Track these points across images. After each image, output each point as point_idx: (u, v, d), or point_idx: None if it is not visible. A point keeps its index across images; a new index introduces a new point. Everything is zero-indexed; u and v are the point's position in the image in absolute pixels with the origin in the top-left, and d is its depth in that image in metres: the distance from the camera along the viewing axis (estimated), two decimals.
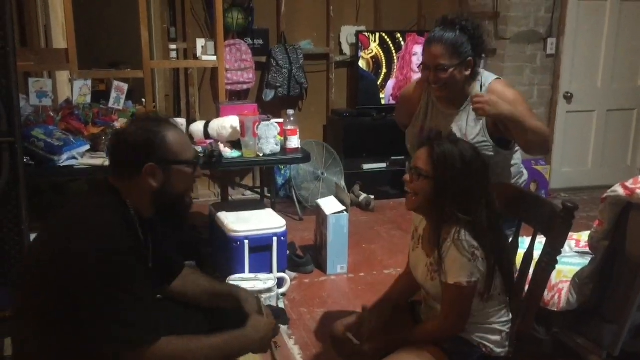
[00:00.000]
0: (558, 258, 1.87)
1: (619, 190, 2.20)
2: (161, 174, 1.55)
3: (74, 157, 3.02)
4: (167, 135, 1.56)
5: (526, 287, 1.91)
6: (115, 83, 3.43)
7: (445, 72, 2.10)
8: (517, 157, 2.40)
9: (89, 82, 3.44)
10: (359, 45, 5.30)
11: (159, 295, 1.84)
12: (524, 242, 2.10)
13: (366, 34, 5.34)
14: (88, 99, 3.40)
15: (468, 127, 2.20)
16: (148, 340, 1.45)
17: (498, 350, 1.82)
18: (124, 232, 1.48)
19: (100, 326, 1.42)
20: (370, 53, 5.35)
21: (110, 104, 3.40)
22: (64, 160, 2.97)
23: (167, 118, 1.69)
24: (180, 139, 1.60)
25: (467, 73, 2.15)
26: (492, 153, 2.18)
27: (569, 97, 5.37)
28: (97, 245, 1.41)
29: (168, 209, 1.62)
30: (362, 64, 5.34)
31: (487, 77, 2.25)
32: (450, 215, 1.74)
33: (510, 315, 1.87)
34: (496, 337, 1.82)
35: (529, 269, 1.93)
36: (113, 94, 3.41)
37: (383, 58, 5.39)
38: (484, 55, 2.21)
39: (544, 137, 2.17)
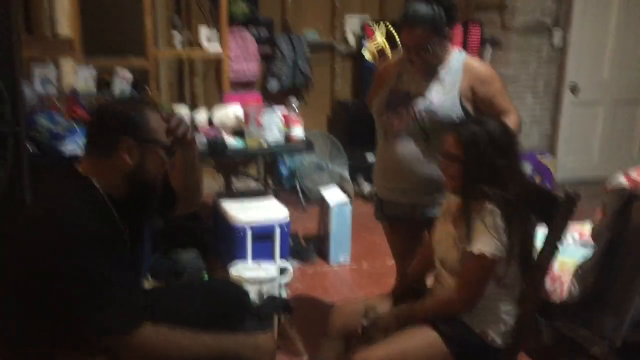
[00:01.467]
0: (561, 249, 1.87)
1: (622, 180, 2.19)
2: (137, 152, 1.53)
3: (78, 146, 3.03)
4: (147, 114, 1.56)
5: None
6: (120, 72, 3.43)
7: (427, 51, 2.12)
8: None
9: (94, 71, 3.44)
10: (363, 35, 5.28)
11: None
12: None
13: (371, 24, 5.31)
14: (92, 87, 3.40)
15: (442, 93, 2.22)
16: (129, 327, 1.44)
17: (499, 341, 1.82)
18: (94, 218, 1.46)
19: (79, 314, 1.42)
20: (375, 43, 5.32)
21: (114, 92, 3.41)
22: (68, 148, 2.98)
23: (149, 101, 1.69)
24: (158, 121, 1.59)
25: (447, 44, 2.19)
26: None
27: (574, 89, 5.35)
28: (69, 239, 1.41)
29: (138, 196, 1.60)
30: (366, 54, 5.32)
31: (461, 52, 2.28)
32: (483, 193, 1.76)
33: (518, 309, 1.86)
34: (500, 327, 1.82)
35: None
36: (117, 83, 3.42)
37: (388, 48, 5.36)
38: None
39: (519, 128, 2.24)
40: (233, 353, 1.59)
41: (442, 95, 2.23)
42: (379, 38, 4.76)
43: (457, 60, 2.25)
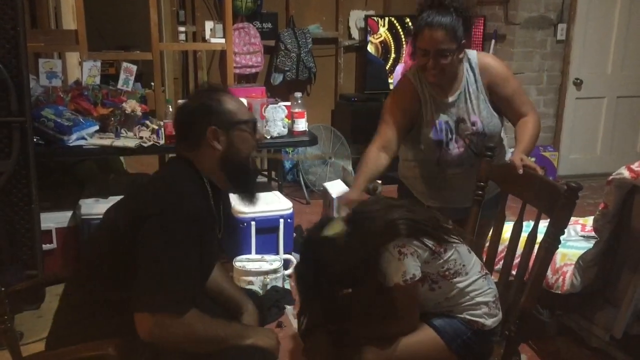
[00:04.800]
0: (563, 242, 1.88)
1: (624, 172, 2.20)
2: (224, 136, 1.63)
3: (83, 137, 3.05)
4: (223, 100, 1.65)
5: (530, 267, 1.93)
6: (124, 64, 3.44)
7: (446, 57, 2.07)
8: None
9: (98, 64, 3.45)
10: (367, 29, 5.29)
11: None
12: (529, 225, 2.11)
13: (375, 18, 5.32)
14: (97, 80, 3.42)
15: (476, 108, 2.22)
16: (184, 309, 1.48)
17: (489, 322, 1.80)
18: (200, 199, 1.56)
19: (145, 282, 1.46)
20: (378, 38, 5.34)
21: (119, 86, 3.42)
22: (73, 140, 3.00)
23: (220, 86, 1.79)
24: (235, 102, 1.68)
25: (461, 56, 2.15)
26: (501, 125, 2.26)
27: (578, 84, 5.34)
28: (174, 207, 1.49)
29: (236, 176, 1.68)
30: (370, 48, 5.33)
31: (470, 53, 2.23)
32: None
33: (492, 282, 1.85)
34: (484, 310, 1.80)
35: (533, 250, 1.94)
36: (122, 76, 3.43)
37: (392, 43, 5.37)
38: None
39: (539, 128, 2.24)
40: (252, 343, 1.64)
41: (479, 113, 2.22)
42: (383, 32, 4.75)
43: (468, 63, 2.22)
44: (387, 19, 5.32)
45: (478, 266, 1.84)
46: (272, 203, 3.50)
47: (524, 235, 2.07)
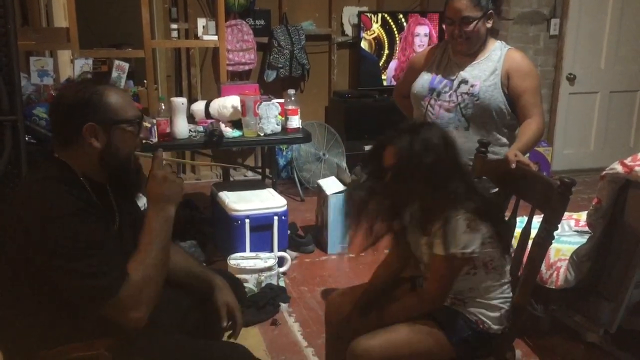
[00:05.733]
0: (557, 237, 1.88)
1: (617, 167, 2.20)
2: (103, 133, 1.51)
3: None
4: (106, 94, 1.52)
5: (523, 263, 1.93)
6: (116, 62, 3.42)
7: (469, 24, 2.22)
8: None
9: (90, 62, 3.43)
10: (361, 26, 5.28)
11: None
12: (523, 221, 2.11)
13: (368, 14, 5.31)
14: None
15: (483, 76, 2.29)
16: (121, 281, 1.43)
17: (495, 327, 1.83)
18: (67, 198, 1.44)
19: (69, 284, 1.41)
20: (372, 34, 5.33)
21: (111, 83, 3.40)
22: None
23: (104, 79, 1.65)
24: (120, 98, 1.56)
25: (489, 25, 2.28)
26: (503, 111, 2.30)
27: (572, 79, 5.35)
28: (40, 215, 1.41)
29: (117, 173, 1.58)
30: (364, 45, 5.32)
31: (502, 44, 2.36)
32: (438, 198, 1.75)
33: (511, 293, 1.87)
34: (495, 314, 1.82)
35: (527, 245, 1.94)
36: (114, 73, 3.41)
37: (385, 39, 5.36)
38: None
39: (541, 134, 2.32)
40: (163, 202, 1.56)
41: (484, 80, 2.28)
42: (376, 29, 4.75)
43: (499, 49, 2.33)
44: (380, 15, 5.31)
45: (508, 274, 1.87)
46: (266, 200, 3.50)
47: (517, 231, 2.07)
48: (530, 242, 1.88)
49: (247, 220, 3.33)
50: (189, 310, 1.82)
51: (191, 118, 3.52)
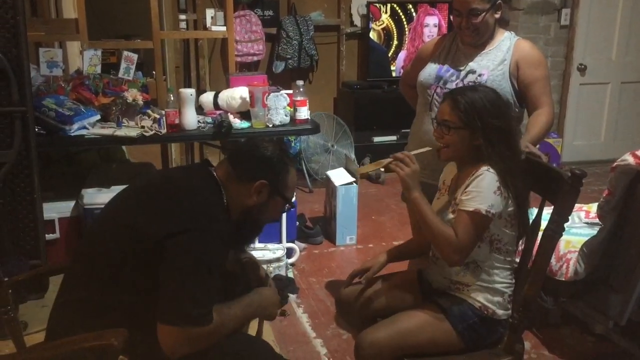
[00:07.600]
0: (567, 228, 1.87)
1: (629, 159, 2.18)
2: (265, 196, 1.68)
3: (84, 127, 3.03)
4: (290, 171, 1.73)
5: (533, 255, 1.92)
6: (125, 53, 3.42)
7: (477, 16, 2.19)
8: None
9: (99, 53, 3.43)
10: (369, 16, 5.25)
11: None
12: (533, 213, 2.10)
13: (377, 5, 5.28)
14: (98, 69, 3.39)
15: (492, 65, 2.27)
16: (208, 321, 1.49)
17: (500, 312, 1.83)
18: (225, 219, 1.61)
19: (174, 296, 1.47)
20: (381, 24, 5.30)
21: (120, 74, 3.40)
22: (74, 130, 2.98)
23: (293, 158, 1.88)
24: (294, 179, 1.77)
25: (497, 16, 2.25)
26: (507, 98, 2.26)
27: (582, 69, 5.31)
28: (205, 228, 1.51)
29: (244, 226, 1.72)
30: (373, 35, 5.30)
31: (511, 34, 2.35)
32: (478, 156, 1.80)
33: (514, 280, 1.88)
34: (498, 299, 1.83)
35: (537, 237, 1.93)
36: (123, 64, 3.41)
37: (394, 30, 5.34)
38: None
39: (550, 125, 2.30)
40: (251, 317, 1.74)
41: (492, 70, 2.26)
42: (385, 19, 4.72)
43: (508, 39, 2.32)
44: (389, 5, 5.28)
45: (514, 261, 1.89)
46: None
47: None
48: (540, 233, 1.87)
49: None
50: None
51: (200, 109, 3.52)
